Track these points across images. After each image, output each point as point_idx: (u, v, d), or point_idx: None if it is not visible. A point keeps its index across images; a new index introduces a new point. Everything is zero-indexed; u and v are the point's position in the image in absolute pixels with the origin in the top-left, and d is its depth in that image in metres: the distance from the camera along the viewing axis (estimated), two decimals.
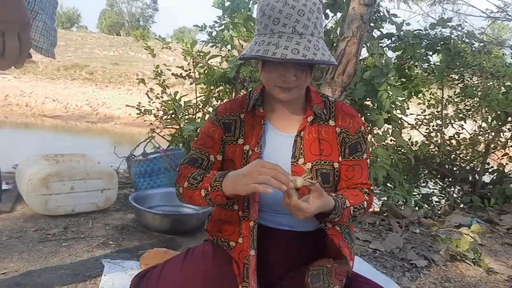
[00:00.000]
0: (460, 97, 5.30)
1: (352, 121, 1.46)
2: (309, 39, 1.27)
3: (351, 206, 1.39)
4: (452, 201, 4.99)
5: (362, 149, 1.47)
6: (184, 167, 1.49)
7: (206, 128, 1.54)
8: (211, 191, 1.30)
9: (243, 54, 1.33)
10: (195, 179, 1.37)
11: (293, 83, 1.34)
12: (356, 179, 1.47)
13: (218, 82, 4.67)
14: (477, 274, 2.46)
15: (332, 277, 1.46)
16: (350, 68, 3.18)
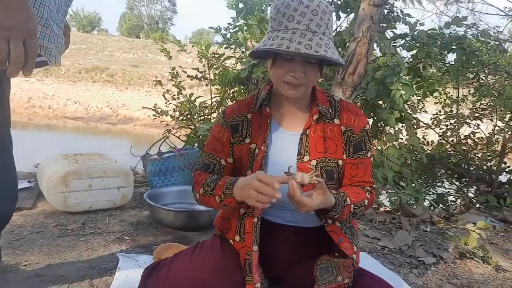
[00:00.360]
0: (475, 96, 5.25)
1: (357, 120, 1.51)
2: (321, 37, 1.34)
3: (351, 204, 1.43)
4: (468, 200, 4.96)
5: (366, 148, 1.52)
6: (198, 173, 1.58)
7: (215, 131, 1.61)
8: (224, 198, 1.39)
9: (257, 48, 1.40)
10: (208, 186, 1.45)
11: (302, 80, 1.40)
12: (359, 177, 1.51)
13: (232, 83, 4.74)
14: (485, 271, 2.47)
15: (341, 269, 1.51)
16: (361, 68, 3.22)
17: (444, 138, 5.63)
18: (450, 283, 2.27)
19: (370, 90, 3.47)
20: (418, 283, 2.21)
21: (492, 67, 4.65)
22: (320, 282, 1.54)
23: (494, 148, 5.62)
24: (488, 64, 4.70)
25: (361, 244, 2.66)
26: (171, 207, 2.74)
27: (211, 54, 4.90)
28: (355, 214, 1.46)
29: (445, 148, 5.74)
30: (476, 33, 4.80)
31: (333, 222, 1.49)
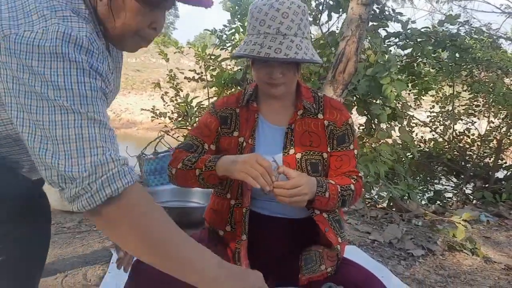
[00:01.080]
0: (470, 92, 5.29)
1: (339, 114, 1.57)
2: (292, 39, 1.39)
3: (337, 185, 1.47)
4: (464, 197, 4.99)
5: (349, 140, 1.57)
6: (179, 151, 1.62)
7: (204, 118, 1.67)
8: (205, 170, 1.42)
9: (234, 54, 1.46)
10: (189, 160, 1.48)
11: (280, 80, 1.46)
12: (344, 168, 1.57)
13: (228, 84, 4.81)
14: (474, 263, 2.52)
15: (324, 259, 1.56)
16: (351, 67, 3.27)
17: (440, 136, 5.67)
18: (437, 274, 2.31)
19: (361, 86, 3.52)
20: (405, 274, 2.26)
21: (486, 64, 4.69)
22: (304, 271, 1.60)
23: (491, 145, 5.65)
24: (482, 61, 4.74)
25: (352, 238, 2.72)
26: (166, 205, 2.79)
27: (208, 56, 4.98)
28: (344, 198, 1.48)
29: (442, 146, 5.78)
30: (469, 30, 4.85)
31: (321, 213, 1.54)
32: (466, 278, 2.28)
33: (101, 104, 0.87)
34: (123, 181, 0.84)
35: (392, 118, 3.82)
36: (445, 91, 5.69)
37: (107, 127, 0.86)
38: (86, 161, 0.82)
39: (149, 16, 1.02)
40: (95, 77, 0.88)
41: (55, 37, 0.83)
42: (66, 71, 0.84)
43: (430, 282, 2.20)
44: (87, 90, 0.85)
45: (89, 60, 0.87)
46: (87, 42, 0.87)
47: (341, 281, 1.31)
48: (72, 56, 0.84)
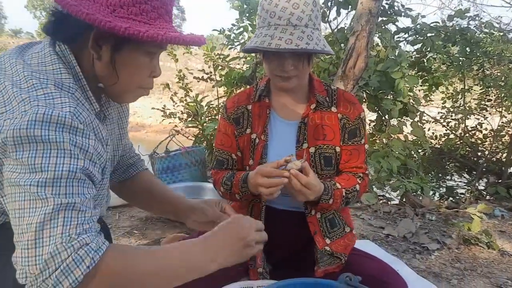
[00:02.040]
0: (481, 87, 5.25)
1: (353, 108, 1.56)
2: (303, 30, 1.38)
3: (342, 189, 1.48)
4: (477, 192, 4.94)
5: (361, 135, 1.57)
6: (215, 172, 1.67)
7: (221, 125, 1.68)
8: (243, 195, 1.49)
9: (245, 47, 1.47)
10: (226, 184, 1.54)
11: (292, 72, 1.46)
12: (352, 162, 1.56)
13: (238, 83, 4.82)
14: (490, 256, 2.49)
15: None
16: (361, 62, 3.26)
17: (452, 131, 5.63)
18: (453, 267, 2.29)
19: (372, 81, 3.51)
20: (421, 267, 2.24)
21: (497, 58, 4.65)
22: (320, 263, 1.60)
23: (503, 140, 5.59)
24: (493, 55, 4.70)
25: (365, 232, 2.70)
26: None
27: (216, 56, 5.00)
28: (348, 200, 1.50)
29: (453, 142, 5.73)
30: (479, 24, 4.81)
31: (315, 213, 1.55)
32: (482, 271, 2.26)
33: (76, 185, 0.85)
34: (81, 269, 0.80)
35: (403, 113, 3.80)
36: (456, 86, 5.64)
37: (75, 208, 0.83)
38: (43, 252, 0.79)
39: (150, 66, 1.04)
40: (76, 157, 0.85)
41: (34, 119, 0.81)
42: (45, 153, 0.82)
43: (447, 275, 2.18)
44: (64, 171, 0.83)
45: (72, 138, 0.85)
46: (69, 118, 0.85)
47: (358, 273, 1.31)
48: (52, 137, 0.83)
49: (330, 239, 1.57)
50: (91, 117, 0.94)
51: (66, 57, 0.96)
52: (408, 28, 4.57)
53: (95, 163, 0.91)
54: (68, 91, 0.92)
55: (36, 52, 0.97)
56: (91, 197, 0.88)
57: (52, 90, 0.88)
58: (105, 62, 0.97)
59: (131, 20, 0.92)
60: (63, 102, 0.87)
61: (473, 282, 2.11)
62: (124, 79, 1.00)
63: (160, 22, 0.96)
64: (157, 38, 0.90)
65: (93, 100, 1.00)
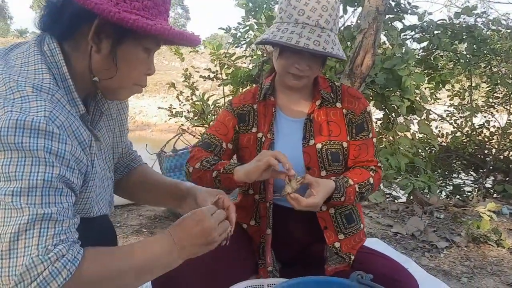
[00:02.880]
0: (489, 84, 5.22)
1: (358, 102, 1.57)
2: (329, 34, 1.40)
3: (355, 184, 1.48)
4: (484, 190, 4.92)
5: (368, 129, 1.57)
6: (198, 149, 1.62)
7: (221, 116, 1.67)
8: (223, 172, 1.43)
9: (265, 39, 1.45)
10: (208, 162, 1.50)
11: (306, 72, 1.46)
12: (362, 157, 1.56)
13: (244, 82, 4.82)
14: (499, 254, 2.48)
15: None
16: (368, 60, 3.25)
17: (459, 129, 5.60)
18: (462, 265, 2.29)
19: (378, 78, 3.49)
20: (430, 266, 2.24)
21: (504, 55, 4.62)
22: (330, 261, 1.60)
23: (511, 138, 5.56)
24: (500, 53, 4.67)
25: (374, 230, 2.70)
26: None
27: (223, 54, 5.00)
28: (363, 194, 1.49)
29: (460, 140, 5.71)
30: (487, 21, 4.79)
31: (327, 209, 1.54)
32: (492, 269, 2.25)
33: (52, 194, 0.83)
34: (58, 281, 0.80)
35: (410, 111, 3.79)
36: (463, 83, 5.61)
37: (52, 218, 0.82)
38: (17, 263, 0.78)
39: (147, 63, 1.03)
40: (52, 164, 0.83)
41: (7, 125, 0.79)
42: (19, 161, 0.81)
43: (456, 273, 2.17)
44: (39, 180, 0.81)
45: (47, 144, 0.82)
46: (44, 123, 0.82)
47: (369, 271, 1.30)
48: (25, 145, 0.80)
49: (345, 235, 1.57)
50: (70, 120, 0.91)
51: (54, 56, 0.95)
52: (415, 26, 4.55)
53: (73, 169, 0.88)
54: (48, 93, 0.89)
55: (21, 52, 0.96)
56: (69, 205, 0.87)
57: (29, 93, 0.86)
58: (104, 55, 0.95)
59: (134, 14, 0.91)
60: (39, 105, 0.85)
61: (483, 281, 2.10)
62: (122, 74, 0.99)
63: (160, 20, 0.96)
64: (164, 32, 0.91)
65: (79, 101, 0.97)
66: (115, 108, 1.26)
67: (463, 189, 5.30)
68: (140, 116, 19.52)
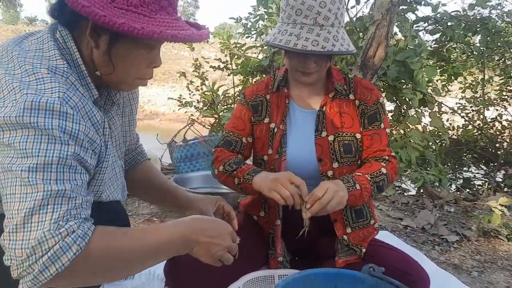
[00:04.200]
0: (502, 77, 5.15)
1: (370, 93, 1.56)
2: (329, 30, 1.38)
3: (365, 174, 1.47)
4: (495, 184, 4.88)
5: (380, 119, 1.56)
6: (220, 150, 1.65)
7: (237, 110, 1.68)
8: (243, 182, 1.46)
9: (267, 41, 1.46)
10: (230, 166, 1.52)
11: (313, 69, 1.46)
12: (375, 147, 1.56)
13: (254, 72, 4.80)
14: (510, 249, 2.47)
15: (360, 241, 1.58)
16: (381, 51, 3.23)
17: (470, 123, 5.55)
18: (473, 259, 2.28)
19: (391, 70, 3.46)
20: (440, 259, 2.24)
21: None
22: (341, 254, 1.61)
23: None
24: None
25: (384, 223, 2.70)
26: (197, 191, 2.83)
27: (233, 45, 4.98)
28: (378, 184, 1.48)
29: (471, 133, 5.66)
30: (501, 13, 4.71)
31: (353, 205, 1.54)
32: (503, 263, 2.24)
33: (67, 171, 0.86)
34: (68, 255, 0.83)
35: (422, 104, 3.76)
36: (476, 76, 5.55)
37: (65, 195, 0.85)
38: (30, 237, 0.81)
39: (148, 58, 1.02)
40: (67, 143, 0.86)
41: (23, 107, 0.82)
42: (36, 138, 0.84)
43: (467, 267, 2.17)
44: (54, 157, 0.84)
45: (61, 124, 0.85)
46: (58, 104, 0.86)
47: (380, 264, 1.31)
48: (41, 124, 0.83)
49: (352, 228, 1.58)
50: (83, 102, 0.93)
51: (66, 42, 0.97)
52: (428, 17, 4.49)
53: (86, 148, 0.91)
54: (62, 75, 0.92)
55: (35, 39, 0.98)
56: (83, 183, 0.90)
57: (44, 75, 0.89)
58: (102, 51, 0.96)
59: (130, 12, 0.90)
60: (53, 87, 0.88)
61: (493, 275, 2.10)
62: (120, 71, 1.00)
63: (161, 15, 0.94)
64: (152, 36, 0.88)
65: (92, 86, 1.00)
66: (126, 98, 1.29)
67: (474, 182, 5.27)
68: (149, 105, 19.56)
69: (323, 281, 1.31)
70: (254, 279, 1.56)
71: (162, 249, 0.99)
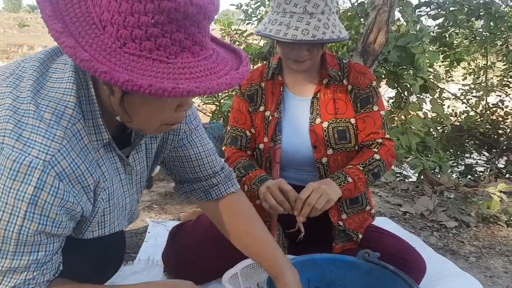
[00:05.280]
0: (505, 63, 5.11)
1: (363, 77, 1.56)
2: (319, 18, 1.36)
3: (356, 165, 1.48)
4: (497, 171, 4.88)
5: (373, 101, 1.56)
6: (229, 150, 1.68)
7: (235, 103, 1.69)
8: (251, 190, 1.51)
9: (258, 31, 1.45)
10: (240, 171, 1.56)
11: (306, 57, 1.45)
12: (367, 129, 1.56)
13: (255, 59, 4.78)
14: (509, 234, 2.48)
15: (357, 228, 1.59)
16: (382, 37, 3.20)
17: (472, 109, 5.53)
18: (471, 244, 2.29)
19: (391, 56, 3.44)
20: (438, 245, 2.25)
21: None
22: (338, 240, 1.62)
23: None
24: None
25: (383, 209, 2.71)
26: None
27: (234, 31, 4.95)
28: (374, 171, 1.49)
29: (473, 119, 5.64)
30: None
31: None
32: (501, 249, 2.25)
33: (28, 245, 0.83)
34: None
35: (423, 90, 3.74)
36: (478, 62, 5.51)
37: (18, 270, 0.84)
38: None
39: (172, 104, 0.88)
40: (31, 219, 0.80)
41: (4, 164, 0.77)
42: (1, 206, 0.79)
43: (465, 252, 2.18)
44: (14, 233, 0.80)
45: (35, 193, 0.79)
46: (39, 170, 0.78)
47: (377, 249, 1.32)
48: (13, 190, 0.78)
49: (347, 214, 1.59)
50: (76, 163, 0.84)
51: (85, 74, 0.87)
52: (430, 2, 4.45)
53: (59, 221, 0.85)
54: (69, 121, 0.84)
55: (62, 63, 0.90)
56: (47, 253, 0.87)
57: (42, 125, 0.80)
58: (117, 99, 0.85)
59: (143, 58, 0.75)
60: (44, 144, 0.80)
61: (491, 260, 2.11)
62: (139, 120, 0.89)
63: (183, 58, 0.77)
64: (162, 95, 0.72)
65: (103, 129, 0.90)
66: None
67: (475, 169, 5.27)
68: None
69: (319, 267, 1.33)
70: (252, 264, 1.58)
71: None
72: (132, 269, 1.76)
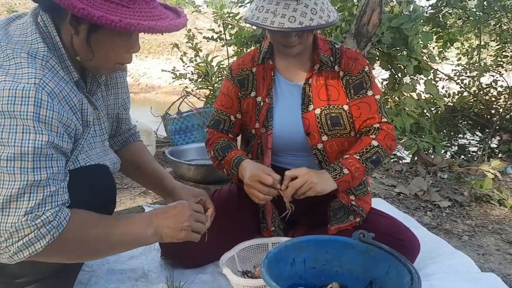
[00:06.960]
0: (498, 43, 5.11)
1: (355, 63, 1.55)
2: (306, 4, 1.34)
3: (353, 155, 1.48)
4: (490, 150, 4.92)
5: (366, 87, 1.55)
6: (210, 131, 1.68)
7: (224, 87, 1.68)
8: (230, 174, 1.54)
9: (246, 18, 1.43)
10: (218, 153, 1.57)
11: (296, 42, 1.43)
12: (364, 115, 1.55)
13: (248, 42, 4.74)
14: (501, 213, 2.51)
15: (351, 209, 1.60)
16: (375, 18, 3.18)
17: (466, 89, 5.54)
18: (464, 223, 2.32)
19: (385, 37, 3.42)
20: (432, 224, 2.28)
21: None
22: (333, 221, 1.64)
23: None
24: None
25: (377, 190, 2.73)
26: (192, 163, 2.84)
27: (226, 14, 4.90)
28: (373, 158, 1.49)
29: (467, 99, 5.66)
30: None
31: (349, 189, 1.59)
32: (493, 227, 2.29)
33: (43, 160, 0.92)
34: (42, 243, 0.93)
35: (417, 71, 3.74)
36: (472, 42, 5.50)
37: (40, 184, 0.92)
38: (8, 221, 0.89)
39: (127, 44, 1.06)
40: (41, 132, 0.90)
41: (1, 95, 0.87)
42: (11, 128, 0.88)
43: (458, 231, 2.21)
44: (30, 147, 0.89)
45: (36, 111, 0.90)
46: (33, 91, 0.90)
47: (372, 230, 1.34)
48: (17, 112, 0.88)
49: (356, 196, 1.60)
50: (60, 87, 0.98)
51: (47, 27, 1.01)
52: None
53: (61, 134, 0.96)
54: (42, 59, 0.97)
55: (21, 23, 1.03)
56: (59, 169, 0.96)
57: (22, 60, 0.93)
58: (81, 38, 1.00)
59: (109, 2, 0.93)
60: (30, 72, 0.92)
61: (484, 239, 2.14)
62: (99, 57, 1.04)
63: (139, 5, 0.98)
64: (129, 29, 0.92)
65: (72, 68, 1.04)
66: (113, 81, 1.33)
67: (468, 149, 5.31)
68: (144, 78, 19.35)
69: (314, 248, 1.34)
70: (249, 247, 1.60)
71: (128, 241, 1.11)
72: (129, 253, 1.77)
